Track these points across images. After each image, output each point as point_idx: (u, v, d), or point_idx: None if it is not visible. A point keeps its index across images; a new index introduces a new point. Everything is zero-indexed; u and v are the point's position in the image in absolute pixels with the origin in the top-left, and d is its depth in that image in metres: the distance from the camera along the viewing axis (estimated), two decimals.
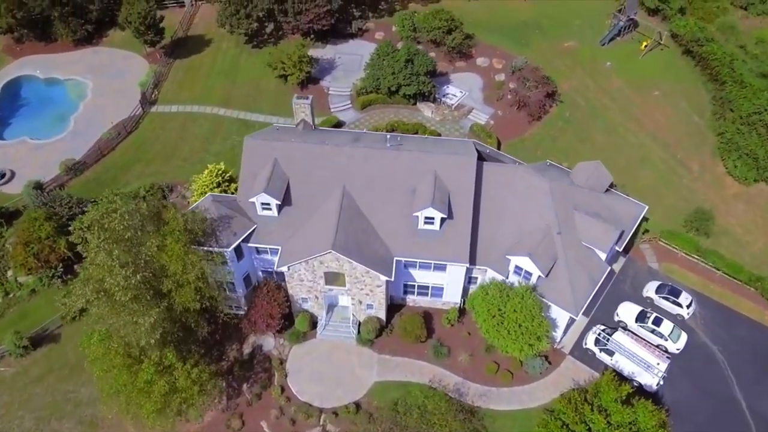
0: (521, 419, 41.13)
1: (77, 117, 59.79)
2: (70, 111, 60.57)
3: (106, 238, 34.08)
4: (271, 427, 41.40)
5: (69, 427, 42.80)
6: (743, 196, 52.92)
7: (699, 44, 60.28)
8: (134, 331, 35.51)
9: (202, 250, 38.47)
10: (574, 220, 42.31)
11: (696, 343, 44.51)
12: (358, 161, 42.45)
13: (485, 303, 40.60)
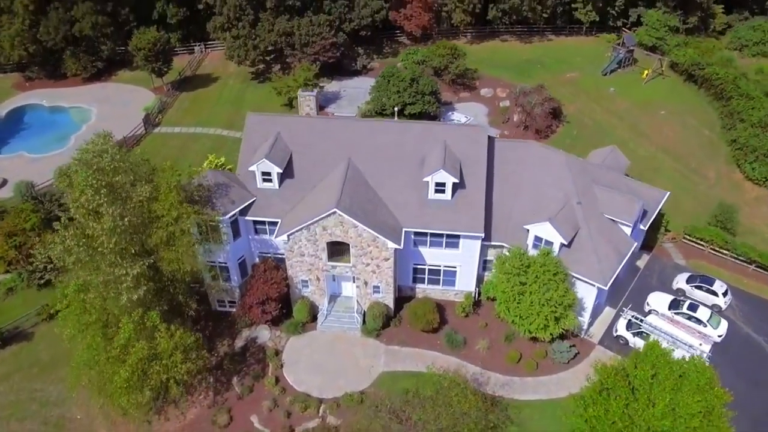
0: (550, 409, 35.83)
1: (78, 135, 59.03)
2: (72, 131, 59.96)
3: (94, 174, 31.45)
4: (263, 421, 35.99)
5: (31, 428, 37.35)
6: (765, 199, 50.67)
7: (700, 68, 61.00)
8: (115, 286, 31.95)
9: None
10: (594, 193, 39.83)
11: (738, 334, 40.10)
12: (364, 133, 40.77)
13: (503, 275, 36.97)
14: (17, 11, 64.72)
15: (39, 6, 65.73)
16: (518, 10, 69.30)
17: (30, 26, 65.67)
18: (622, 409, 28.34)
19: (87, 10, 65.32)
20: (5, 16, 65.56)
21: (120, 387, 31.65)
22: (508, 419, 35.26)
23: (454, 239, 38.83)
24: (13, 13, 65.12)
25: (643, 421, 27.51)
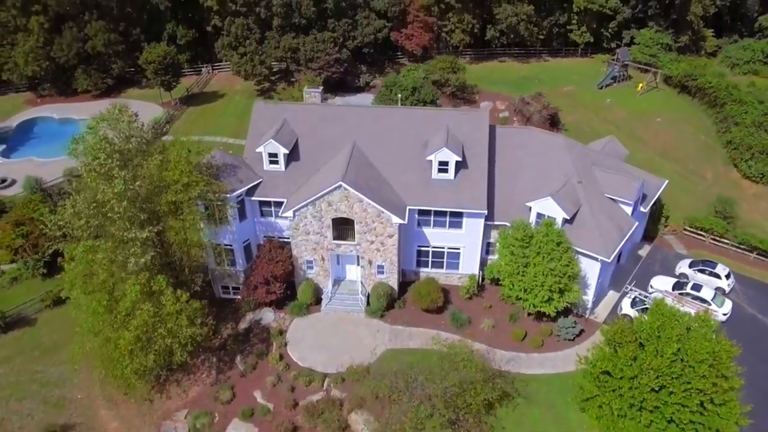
0: (557, 383, 35.46)
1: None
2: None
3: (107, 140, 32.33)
4: (266, 396, 35.54)
5: (31, 407, 36.80)
6: (764, 195, 51.48)
7: (693, 79, 62.90)
8: (123, 251, 32.33)
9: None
10: (594, 174, 40.63)
11: (744, 315, 40.07)
12: (369, 119, 41.91)
13: (506, 249, 37.30)
14: (33, 29, 67.06)
15: (54, 24, 68.22)
16: (515, 30, 71.92)
17: (44, 44, 67.92)
18: (630, 361, 28.22)
19: (100, 28, 67.76)
20: (21, 33, 67.88)
21: (124, 351, 31.50)
22: (515, 391, 34.84)
23: (457, 218, 39.32)
24: (29, 31, 67.47)
25: (652, 370, 27.34)
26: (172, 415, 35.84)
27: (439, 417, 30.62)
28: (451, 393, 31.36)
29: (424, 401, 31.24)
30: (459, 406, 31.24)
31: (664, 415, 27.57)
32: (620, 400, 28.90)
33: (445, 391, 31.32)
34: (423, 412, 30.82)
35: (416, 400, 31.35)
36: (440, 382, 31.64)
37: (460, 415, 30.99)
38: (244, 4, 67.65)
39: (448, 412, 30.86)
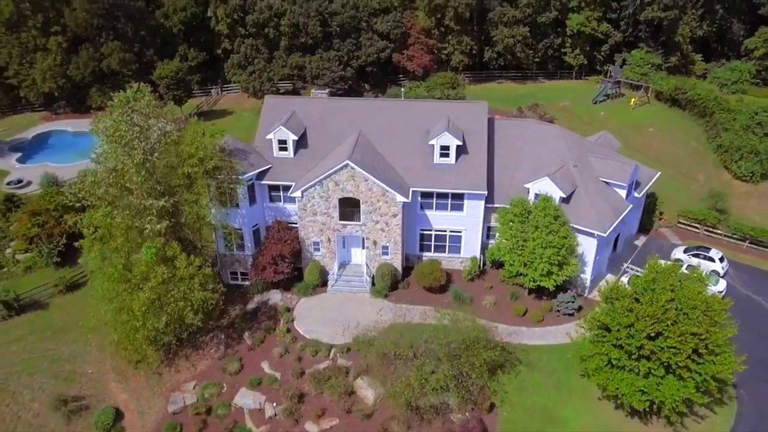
0: (558, 352, 36.33)
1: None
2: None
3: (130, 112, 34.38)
4: (273, 366, 36.35)
5: (42, 381, 37.44)
6: (754, 193, 53.21)
7: (683, 92, 65.68)
8: (139, 219, 33.93)
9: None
10: (589, 161, 42.53)
11: (739, 295, 41.05)
12: (374, 110, 44.16)
13: (506, 226, 38.83)
14: (51, 48, 70.43)
15: (71, 45, 71.65)
16: (512, 51, 75.32)
17: (61, 62, 71.13)
18: (626, 311, 29.33)
19: (115, 48, 71.09)
20: (39, 53, 71.17)
21: (138, 313, 32.60)
22: (516, 360, 35.69)
23: (458, 200, 40.98)
24: (48, 50, 70.80)
25: (648, 317, 28.43)
26: (180, 387, 36.53)
27: (442, 373, 31.42)
28: (455, 351, 32.25)
29: (428, 358, 32.11)
30: (462, 363, 32.07)
31: (661, 361, 28.45)
32: (618, 352, 29.85)
33: (449, 348, 32.23)
34: (427, 367, 31.66)
35: (420, 358, 32.21)
36: (444, 340, 32.57)
37: (463, 372, 31.80)
38: (254, 25, 71.17)
39: (452, 369, 31.68)
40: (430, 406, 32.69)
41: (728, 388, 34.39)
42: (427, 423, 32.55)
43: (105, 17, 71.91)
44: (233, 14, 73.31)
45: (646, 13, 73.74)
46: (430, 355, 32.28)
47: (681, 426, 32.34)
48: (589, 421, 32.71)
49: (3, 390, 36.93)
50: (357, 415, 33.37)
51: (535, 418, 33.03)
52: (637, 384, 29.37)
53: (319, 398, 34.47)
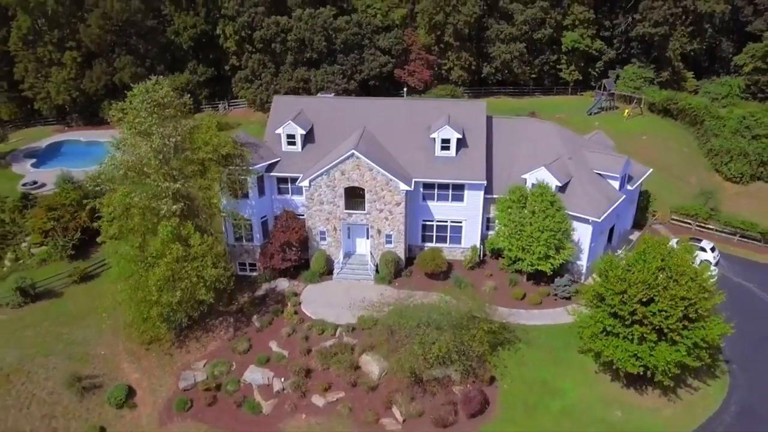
0: (556, 331, 37.72)
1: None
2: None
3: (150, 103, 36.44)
4: (281, 344, 37.68)
5: (56, 362, 38.68)
6: (744, 194, 55.08)
7: (674, 102, 68.18)
8: (156, 200, 35.71)
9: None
10: (584, 155, 44.51)
11: (731, 282, 42.83)
12: (378, 108, 46.40)
13: (504, 213, 40.57)
14: (66, 62, 73.23)
15: (85, 59, 74.52)
16: (509, 66, 78.14)
17: (75, 76, 73.86)
18: (619, 280, 30.87)
19: (127, 62, 73.87)
20: (55, 67, 73.93)
21: (154, 287, 34.10)
22: (516, 338, 37.02)
23: (459, 191, 42.82)
24: (63, 65, 73.59)
25: (640, 282, 29.96)
26: (191, 365, 37.78)
27: (444, 342, 32.74)
28: (456, 321, 33.65)
29: (431, 328, 33.46)
30: (463, 334, 33.43)
31: (653, 326, 29.86)
32: (612, 320, 31.27)
33: (450, 318, 33.65)
34: (430, 336, 32.99)
35: (423, 328, 33.58)
36: (446, 310, 34.02)
37: (464, 341, 33.13)
38: (261, 41, 74.11)
39: (453, 339, 33.01)
40: (433, 379, 33.94)
41: (720, 363, 35.79)
42: (430, 395, 33.77)
43: (118, 34, 74.81)
44: (241, 32, 76.26)
45: (637, 30, 76.79)
46: (432, 326, 33.60)
47: (675, 396, 33.59)
48: (587, 392, 33.92)
49: (18, 370, 38.13)
50: (362, 388, 34.59)
51: (534, 389, 34.23)
52: (630, 349, 30.69)
53: (326, 373, 35.70)
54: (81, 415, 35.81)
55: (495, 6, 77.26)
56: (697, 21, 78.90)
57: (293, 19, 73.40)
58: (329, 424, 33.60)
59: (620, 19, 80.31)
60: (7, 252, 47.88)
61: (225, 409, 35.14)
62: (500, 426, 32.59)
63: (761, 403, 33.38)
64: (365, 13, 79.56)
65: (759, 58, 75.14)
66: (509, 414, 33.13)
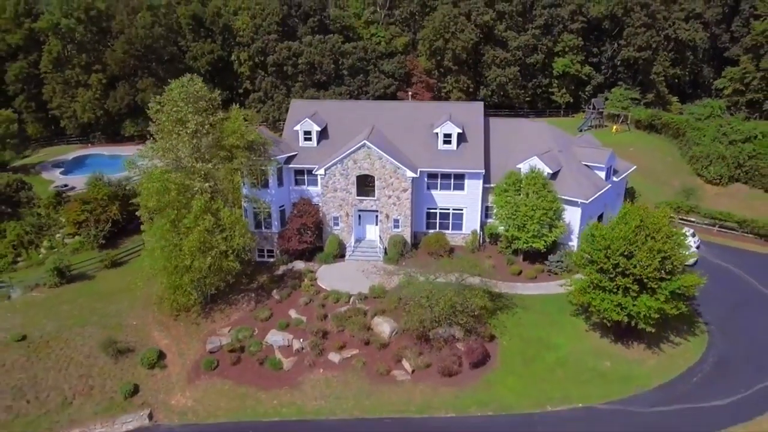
0: (552, 300, 41.37)
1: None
2: None
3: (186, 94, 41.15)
4: (300, 312, 41.22)
5: (91, 331, 42.01)
6: (724, 194, 59.47)
7: (658, 117, 73.41)
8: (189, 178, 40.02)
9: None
10: (573, 149, 49.12)
11: (711, 264, 46.95)
12: (385, 109, 51.46)
13: (501, 197, 44.80)
14: (92, 84, 78.74)
15: (110, 81, 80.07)
16: (504, 89, 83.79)
17: (100, 96, 79.25)
18: (602, 238, 34.91)
19: (149, 83, 79.31)
20: (81, 88, 79.39)
21: (188, 252, 37.99)
22: (514, 305, 40.70)
23: (460, 180, 47.16)
24: (89, 86, 79.08)
25: (621, 238, 33.98)
26: (216, 332, 41.19)
27: (449, 297, 36.45)
28: (461, 281, 37.45)
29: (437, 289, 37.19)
30: (466, 292, 37.17)
31: (634, 276, 33.69)
32: (599, 276, 35.10)
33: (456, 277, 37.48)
34: (436, 294, 36.68)
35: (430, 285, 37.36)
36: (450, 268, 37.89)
37: (466, 297, 36.83)
38: (274, 64, 79.90)
39: (456, 296, 36.72)
40: (439, 337, 37.47)
41: (700, 324, 39.47)
42: (436, 350, 37.20)
43: (140, 59, 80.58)
44: (255, 57, 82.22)
45: (623, 53, 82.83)
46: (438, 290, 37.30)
47: (658, 349, 37.13)
48: (578, 347, 37.45)
49: (57, 338, 41.45)
50: (374, 345, 38.03)
51: (530, 345, 37.76)
52: (615, 300, 34.43)
53: (341, 334, 39.17)
54: (116, 375, 39.00)
55: (490, 33, 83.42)
56: (679, 49, 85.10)
57: (304, 44, 79.38)
58: (345, 377, 36.94)
59: (607, 46, 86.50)
60: (44, 241, 51.71)
61: (248, 367, 38.44)
62: (501, 375, 36.00)
63: (735, 355, 36.96)
64: (370, 41, 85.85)
65: (737, 81, 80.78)
66: (508, 365, 36.57)
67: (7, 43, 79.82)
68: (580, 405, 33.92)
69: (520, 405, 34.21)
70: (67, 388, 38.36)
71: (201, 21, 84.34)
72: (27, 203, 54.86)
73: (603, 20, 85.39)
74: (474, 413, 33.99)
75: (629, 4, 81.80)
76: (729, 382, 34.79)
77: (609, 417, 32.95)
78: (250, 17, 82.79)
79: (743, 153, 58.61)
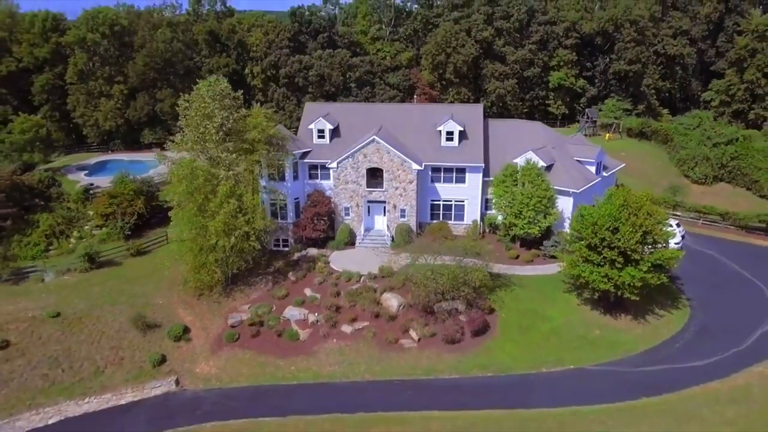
0: (546, 280, 44.95)
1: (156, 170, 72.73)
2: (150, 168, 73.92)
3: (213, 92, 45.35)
4: (314, 290, 44.77)
5: (121, 309, 45.44)
6: (709, 193, 63.38)
7: (648, 125, 77.67)
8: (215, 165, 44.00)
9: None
10: (566, 147, 53.18)
11: (695, 251, 50.60)
12: (393, 110, 55.94)
13: (499, 188, 48.65)
14: (114, 94, 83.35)
15: (131, 92, 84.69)
16: (503, 100, 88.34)
17: (121, 107, 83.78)
18: (590, 216, 38.67)
19: (167, 94, 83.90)
20: (103, 99, 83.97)
21: (214, 232, 41.76)
22: (512, 283, 44.25)
23: (461, 174, 51.09)
24: (111, 96, 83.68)
25: (607, 215, 37.74)
26: (237, 309, 44.69)
27: (452, 272, 40.06)
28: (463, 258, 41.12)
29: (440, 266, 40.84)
30: (468, 269, 40.80)
31: (619, 249, 37.35)
32: (588, 252, 38.75)
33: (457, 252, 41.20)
34: (440, 268, 40.30)
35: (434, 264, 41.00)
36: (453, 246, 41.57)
37: (468, 272, 40.44)
38: (285, 76, 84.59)
39: (459, 271, 40.34)
40: (443, 310, 40.97)
41: (683, 300, 43.01)
42: (441, 322, 40.64)
43: (159, 71, 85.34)
44: (267, 71, 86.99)
45: (614, 66, 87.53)
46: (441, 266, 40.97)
47: (644, 320, 40.60)
48: (571, 318, 40.95)
49: (89, 315, 44.91)
50: (384, 318, 41.49)
51: (527, 317, 41.25)
52: (603, 272, 38.03)
53: (352, 309, 42.66)
54: (144, 347, 42.36)
55: (490, 48, 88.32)
56: (668, 63, 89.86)
57: (314, 58, 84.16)
58: (356, 346, 40.34)
59: (599, 60, 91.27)
60: (73, 231, 55.47)
61: (267, 338, 41.85)
62: (499, 342, 39.43)
63: (714, 326, 40.47)
64: (376, 55, 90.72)
65: (723, 92, 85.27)
66: (507, 334, 40.03)
67: (35, 56, 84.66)
68: (572, 367, 37.29)
69: (518, 367, 37.57)
70: (99, 359, 41.67)
71: (217, 37, 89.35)
72: (57, 198, 58.71)
73: (595, 36, 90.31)
74: (475, 374, 37.34)
75: (619, 21, 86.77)
76: (707, 348, 38.21)
77: (598, 376, 36.30)
78: (263, 33, 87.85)
79: (726, 154, 62.67)
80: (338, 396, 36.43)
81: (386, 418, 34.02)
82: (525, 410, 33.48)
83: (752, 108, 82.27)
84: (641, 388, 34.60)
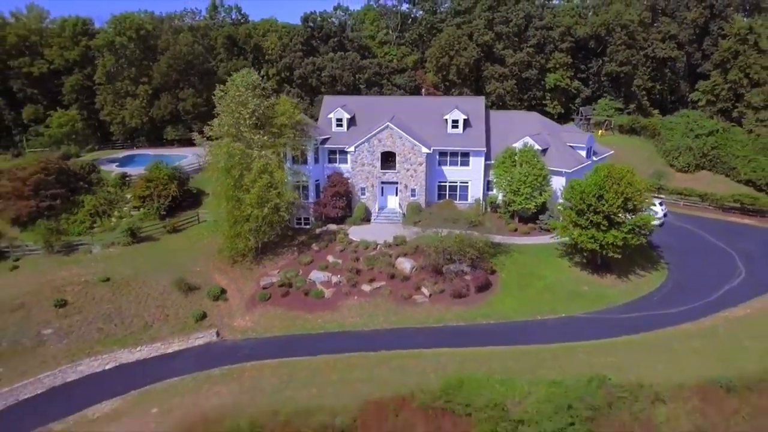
0: (542, 248, 50.68)
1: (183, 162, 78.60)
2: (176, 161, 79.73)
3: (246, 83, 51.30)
4: (336, 257, 50.44)
5: (163, 275, 50.86)
6: (692, 180, 69.43)
7: (638, 122, 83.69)
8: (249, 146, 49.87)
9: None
10: (560, 134, 59.14)
11: (677, 228, 56.34)
12: (404, 102, 62.11)
13: (500, 168, 54.49)
14: (139, 94, 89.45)
15: (155, 92, 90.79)
16: (503, 100, 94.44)
17: (145, 105, 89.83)
18: (578, 185, 44.48)
19: (189, 94, 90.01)
20: (129, 98, 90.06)
21: (249, 204, 47.55)
22: (510, 250, 49.96)
23: (465, 158, 56.95)
24: (136, 95, 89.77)
25: (592, 184, 43.56)
26: (268, 273, 50.32)
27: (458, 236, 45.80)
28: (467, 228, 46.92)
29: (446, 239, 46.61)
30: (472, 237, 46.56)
31: (604, 213, 43.11)
32: (576, 216, 44.51)
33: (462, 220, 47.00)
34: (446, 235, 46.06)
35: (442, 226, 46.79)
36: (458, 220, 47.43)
37: (472, 237, 46.18)
38: (300, 77, 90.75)
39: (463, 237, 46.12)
40: (450, 272, 46.62)
41: (661, 262, 48.68)
42: (449, 281, 46.27)
43: (181, 73, 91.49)
44: (281, 72, 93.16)
45: (606, 68, 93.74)
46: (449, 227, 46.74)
47: (627, 279, 46.29)
48: (562, 277, 46.66)
49: (135, 279, 50.50)
50: (398, 278, 47.14)
51: (524, 276, 46.96)
52: (589, 234, 43.77)
53: (371, 272, 48.28)
54: (186, 306, 47.94)
55: (490, 52, 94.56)
56: (657, 66, 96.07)
57: (326, 60, 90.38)
58: (375, 301, 45.95)
59: (593, 62, 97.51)
60: (114, 211, 61.22)
61: (296, 297, 47.45)
62: (500, 297, 45.10)
63: (687, 283, 46.51)
64: (384, 58, 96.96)
65: (708, 92, 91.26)
66: (507, 290, 45.70)
67: (65, 58, 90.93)
68: (564, 315, 42.97)
69: (516, 316, 43.22)
70: (146, 316, 47.24)
71: (234, 41, 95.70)
72: (97, 183, 64.48)
73: (589, 40, 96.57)
74: (480, 322, 42.96)
75: (611, 26, 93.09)
76: (681, 299, 43.96)
77: (586, 321, 41.95)
78: (278, 38, 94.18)
79: (707, 144, 68.62)
80: (361, 340, 41.97)
81: (402, 355, 39.56)
82: (523, 346, 39.06)
83: (735, 106, 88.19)
84: (622, 329, 40.26)
